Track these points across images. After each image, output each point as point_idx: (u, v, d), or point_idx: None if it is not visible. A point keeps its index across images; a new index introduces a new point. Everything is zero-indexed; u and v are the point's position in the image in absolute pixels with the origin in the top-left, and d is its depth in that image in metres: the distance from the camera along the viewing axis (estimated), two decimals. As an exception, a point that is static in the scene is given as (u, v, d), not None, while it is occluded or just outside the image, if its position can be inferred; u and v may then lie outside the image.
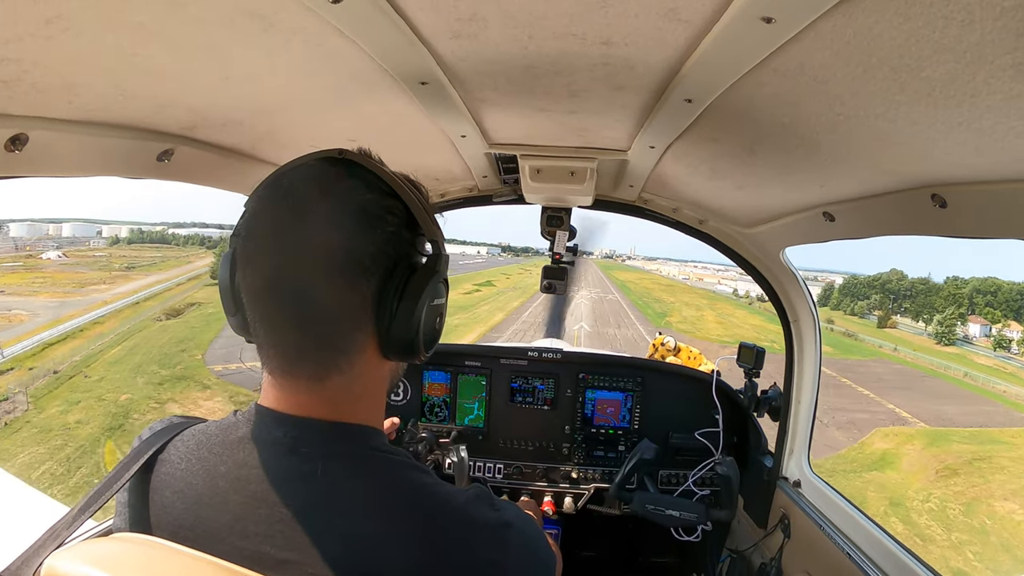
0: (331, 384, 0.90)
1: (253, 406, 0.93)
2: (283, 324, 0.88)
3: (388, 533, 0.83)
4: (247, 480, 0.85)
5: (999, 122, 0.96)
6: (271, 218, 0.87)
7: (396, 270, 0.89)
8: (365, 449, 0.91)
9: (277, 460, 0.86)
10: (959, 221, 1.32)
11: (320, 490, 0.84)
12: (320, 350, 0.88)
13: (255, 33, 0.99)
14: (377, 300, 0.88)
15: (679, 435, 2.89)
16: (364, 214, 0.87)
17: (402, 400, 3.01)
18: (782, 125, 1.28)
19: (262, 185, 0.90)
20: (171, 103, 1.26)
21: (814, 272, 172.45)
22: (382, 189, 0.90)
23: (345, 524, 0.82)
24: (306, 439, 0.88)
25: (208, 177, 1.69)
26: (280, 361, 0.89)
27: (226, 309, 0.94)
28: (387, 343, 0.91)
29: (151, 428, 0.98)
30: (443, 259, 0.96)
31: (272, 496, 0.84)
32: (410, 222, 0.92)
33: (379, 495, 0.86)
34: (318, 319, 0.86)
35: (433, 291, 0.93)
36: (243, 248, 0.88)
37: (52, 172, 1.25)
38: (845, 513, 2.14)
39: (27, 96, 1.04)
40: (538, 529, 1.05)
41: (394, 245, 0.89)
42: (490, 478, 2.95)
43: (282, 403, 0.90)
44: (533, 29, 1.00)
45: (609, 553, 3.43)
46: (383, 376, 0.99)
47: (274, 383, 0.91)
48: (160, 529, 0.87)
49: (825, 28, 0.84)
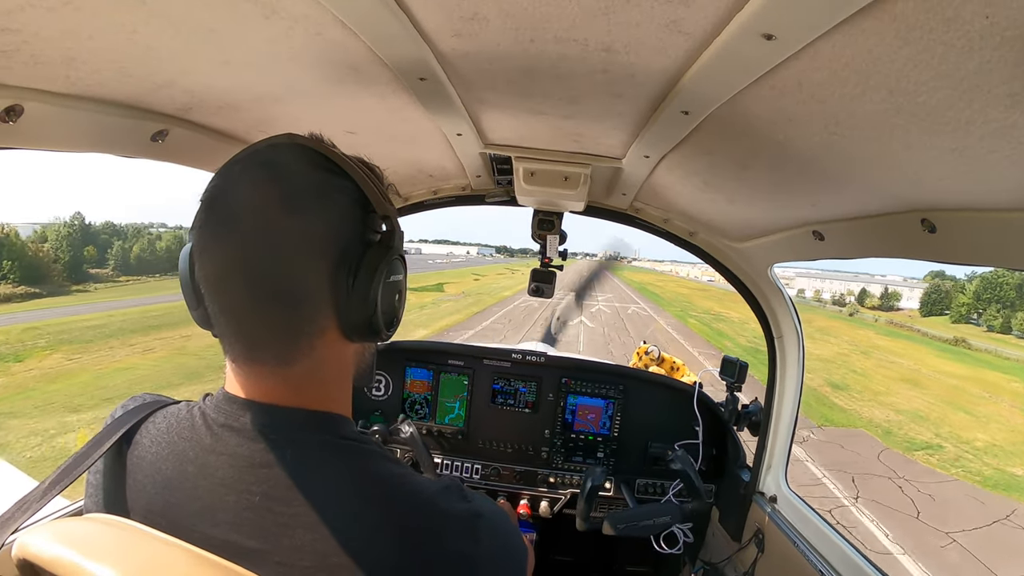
0: (296, 369, 0.89)
1: (220, 391, 0.93)
2: (242, 311, 0.87)
3: (356, 523, 0.83)
4: (215, 467, 0.85)
5: (992, 151, 0.97)
6: (223, 207, 0.87)
7: (349, 248, 0.89)
8: (334, 437, 0.91)
9: (245, 447, 0.86)
10: (948, 247, 1.33)
11: (288, 478, 0.84)
12: (281, 334, 0.88)
13: (257, 19, 0.98)
14: (332, 280, 0.88)
15: (658, 444, 2.90)
16: (314, 194, 0.87)
17: (383, 395, 3.01)
18: (777, 142, 1.29)
19: (215, 176, 0.89)
20: (168, 83, 1.26)
21: (862, 274, 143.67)
22: (331, 169, 0.90)
23: (313, 513, 0.82)
24: (273, 426, 0.87)
25: (201, 160, 1.67)
26: (242, 348, 0.89)
27: (188, 304, 0.94)
28: (347, 324, 0.91)
29: (123, 406, 0.98)
30: (397, 235, 0.96)
31: (240, 484, 0.83)
32: (362, 200, 0.92)
33: (348, 484, 0.86)
34: (277, 303, 0.86)
35: (388, 267, 0.93)
36: (198, 239, 0.88)
37: (45, 145, 1.24)
38: (819, 531, 2.15)
39: (25, 67, 1.04)
40: (510, 522, 1.04)
41: (347, 223, 0.89)
42: (467, 478, 2.94)
43: (248, 390, 0.90)
44: (535, 32, 1.00)
45: (584, 558, 3.44)
46: (348, 359, 0.98)
47: (238, 370, 0.90)
48: (134, 512, 0.86)
49: (825, 48, 0.85)
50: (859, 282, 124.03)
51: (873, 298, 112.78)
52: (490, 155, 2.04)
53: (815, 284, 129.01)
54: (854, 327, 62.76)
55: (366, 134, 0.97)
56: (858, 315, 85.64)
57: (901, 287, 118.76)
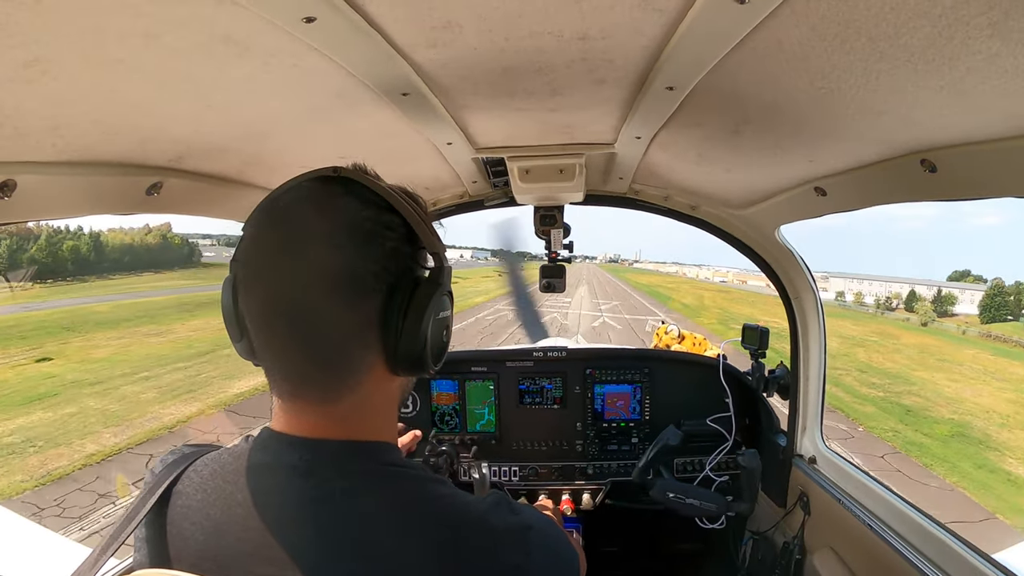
0: (342, 405, 0.89)
1: (264, 430, 0.93)
2: (288, 348, 0.87)
3: (409, 547, 0.82)
4: (265, 507, 0.85)
5: (981, 82, 0.96)
6: (268, 242, 0.87)
7: (399, 286, 0.88)
8: (380, 466, 0.90)
9: (293, 485, 0.86)
10: (950, 184, 1.32)
11: (338, 511, 0.84)
12: (327, 372, 0.88)
13: (232, 59, 0.99)
14: (382, 318, 0.87)
15: (690, 422, 2.88)
16: (362, 231, 0.86)
17: (412, 412, 3.01)
18: (765, 104, 1.28)
19: (257, 209, 0.89)
20: (156, 136, 1.27)
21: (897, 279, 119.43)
22: (379, 204, 0.89)
23: (365, 543, 0.82)
24: (321, 461, 0.87)
25: (199, 207, 1.69)
26: (289, 385, 0.89)
27: (231, 335, 0.94)
28: (395, 360, 0.90)
29: (163, 460, 0.98)
30: (446, 271, 0.95)
31: (291, 522, 0.83)
32: (410, 236, 0.91)
33: (397, 510, 0.86)
34: (323, 341, 0.86)
35: (438, 304, 0.93)
36: (243, 274, 0.88)
37: (42, 215, 1.25)
38: (862, 485, 2.14)
39: (11, 141, 1.05)
40: (559, 529, 1.04)
41: (395, 261, 0.88)
42: (506, 481, 2.94)
43: (293, 426, 0.90)
44: (508, 30, 1.00)
45: (631, 545, 3.42)
46: (393, 392, 0.98)
47: (284, 407, 0.90)
48: (180, 562, 0.86)
49: (799, 4, 0.84)
50: (876, 282, 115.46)
51: (923, 301, 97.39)
52: (483, 159, 2.04)
53: (844, 285, 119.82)
54: (947, 343, 47.73)
55: (357, 156, 0.97)
56: (935, 324, 71.10)
57: (918, 286, 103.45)
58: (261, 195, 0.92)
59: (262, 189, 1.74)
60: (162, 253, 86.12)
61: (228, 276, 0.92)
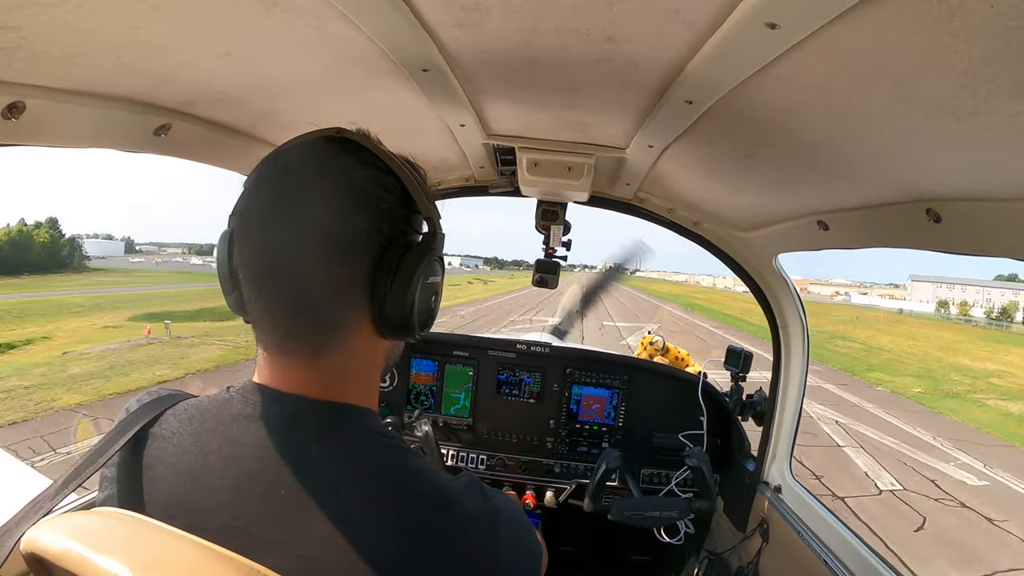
0: (326, 360, 0.90)
1: (248, 382, 0.93)
2: (279, 301, 0.88)
3: (380, 517, 0.83)
4: (241, 458, 0.85)
5: (998, 141, 0.96)
6: (267, 196, 0.88)
7: (391, 247, 0.89)
8: (363, 431, 0.91)
9: (273, 438, 0.86)
10: (952, 236, 1.32)
11: (315, 471, 0.84)
12: (315, 326, 0.89)
13: (258, 11, 0.98)
14: (372, 277, 0.88)
15: (662, 434, 2.90)
16: (359, 191, 0.87)
17: (388, 387, 3.01)
18: (781, 131, 1.28)
19: (260, 164, 0.90)
20: (170, 77, 1.26)
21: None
22: (378, 167, 0.90)
23: (337, 506, 0.82)
24: (302, 418, 0.88)
25: (204, 154, 1.68)
26: (275, 337, 0.90)
27: (224, 288, 0.95)
28: (382, 321, 0.91)
29: (139, 400, 0.98)
30: (439, 237, 0.96)
31: (266, 475, 0.84)
32: (406, 200, 0.92)
33: (373, 479, 0.86)
34: (312, 296, 0.87)
35: (428, 269, 0.93)
36: (240, 227, 0.89)
37: (48, 142, 1.24)
38: (824, 521, 2.15)
39: (26, 64, 1.04)
40: (527, 520, 1.06)
41: (389, 222, 0.89)
42: (473, 468, 2.94)
43: (277, 380, 0.90)
44: (537, 21, 0.99)
45: (588, 548, 3.45)
46: (378, 355, 0.99)
47: (269, 359, 0.91)
48: (152, 505, 0.86)
49: (829, 37, 0.84)
50: (971, 287, 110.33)
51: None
52: (493, 146, 2.04)
53: (931, 291, 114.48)
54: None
55: (368, 126, 0.96)
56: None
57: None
58: (268, 150, 0.92)
59: (270, 144, 1.73)
60: (16, 253, 79.12)
61: (225, 230, 0.92)
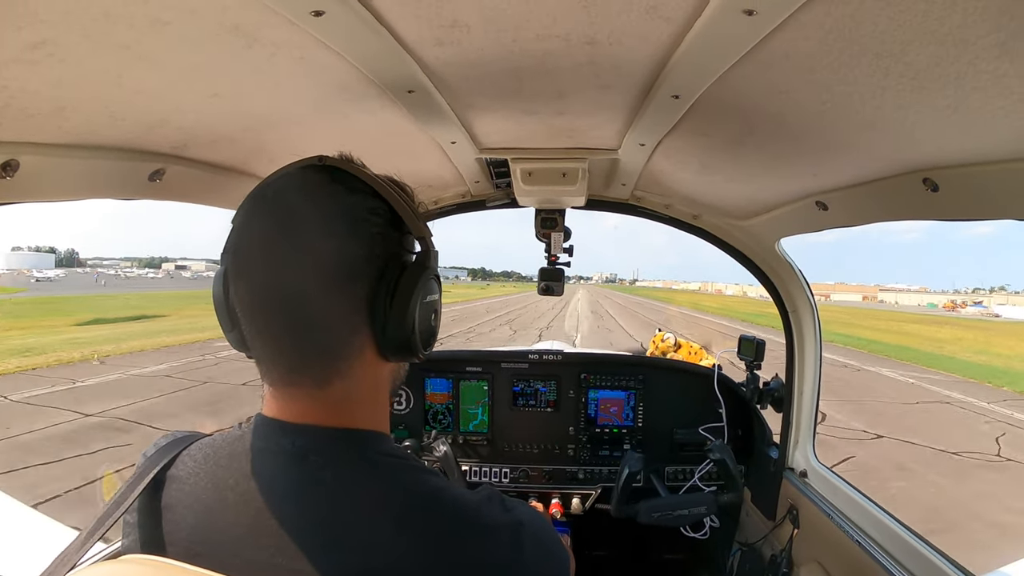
0: (332, 390, 0.89)
1: (257, 416, 0.93)
2: (279, 335, 0.88)
3: (401, 538, 0.83)
4: (257, 492, 0.85)
5: (986, 103, 0.96)
6: (258, 231, 0.88)
7: (386, 270, 0.89)
8: (374, 454, 0.91)
9: (286, 470, 0.86)
10: (951, 204, 1.32)
11: (331, 498, 0.84)
12: (318, 358, 0.88)
13: (239, 49, 0.99)
14: (370, 302, 0.88)
15: (683, 431, 2.89)
16: (351, 218, 0.87)
17: (405, 408, 3.01)
18: (770, 116, 1.28)
19: (247, 199, 0.90)
20: (160, 123, 1.27)
21: None
22: (364, 191, 0.90)
23: (357, 531, 0.82)
24: (314, 447, 0.87)
25: (200, 195, 1.69)
26: (280, 372, 0.89)
27: (223, 326, 0.94)
28: (384, 344, 0.91)
29: (155, 444, 0.98)
30: (432, 255, 0.96)
31: (283, 507, 0.84)
32: (395, 221, 0.92)
33: (391, 500, 0.86)
34: (313, 327, 0.86)
35: (425, 287, 0.93)
36: (233, 263, 0.89)
37: (44, 197, 1.25)
38: (853, 501, 2.14)
39: (16, 121, 1.05)
40: (551, 527, 1.04)
41: (383, 245, 0.90)
42: (496, 482, 2.93)
43: (285, 412, 0.90)
44: (516, 32, 1.00)
45: (619, 551, 3.42)
46: (384, 378, 0.99)
47: (275, 394, 0.91)
48: (174, 546, 0.86)
49: (806, 18, 0.84)
50: None
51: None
52: (486, 159, 2.04)
53: None
54: None
55: (360, 151, 0.97)
56: None
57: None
58: None
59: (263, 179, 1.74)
60: None
61: (219, 268, 0.93)
